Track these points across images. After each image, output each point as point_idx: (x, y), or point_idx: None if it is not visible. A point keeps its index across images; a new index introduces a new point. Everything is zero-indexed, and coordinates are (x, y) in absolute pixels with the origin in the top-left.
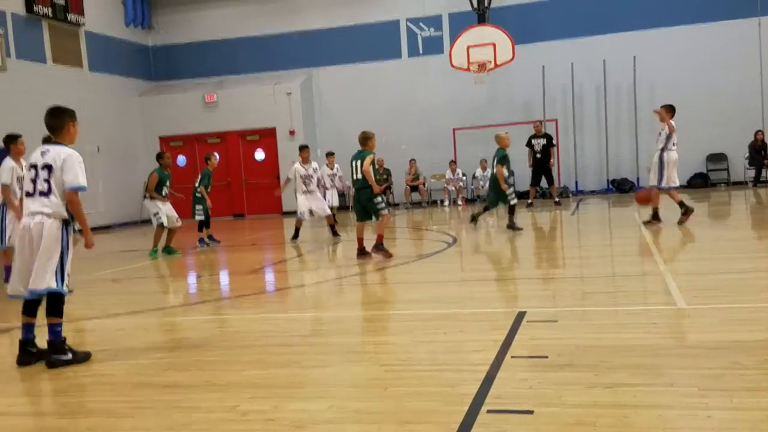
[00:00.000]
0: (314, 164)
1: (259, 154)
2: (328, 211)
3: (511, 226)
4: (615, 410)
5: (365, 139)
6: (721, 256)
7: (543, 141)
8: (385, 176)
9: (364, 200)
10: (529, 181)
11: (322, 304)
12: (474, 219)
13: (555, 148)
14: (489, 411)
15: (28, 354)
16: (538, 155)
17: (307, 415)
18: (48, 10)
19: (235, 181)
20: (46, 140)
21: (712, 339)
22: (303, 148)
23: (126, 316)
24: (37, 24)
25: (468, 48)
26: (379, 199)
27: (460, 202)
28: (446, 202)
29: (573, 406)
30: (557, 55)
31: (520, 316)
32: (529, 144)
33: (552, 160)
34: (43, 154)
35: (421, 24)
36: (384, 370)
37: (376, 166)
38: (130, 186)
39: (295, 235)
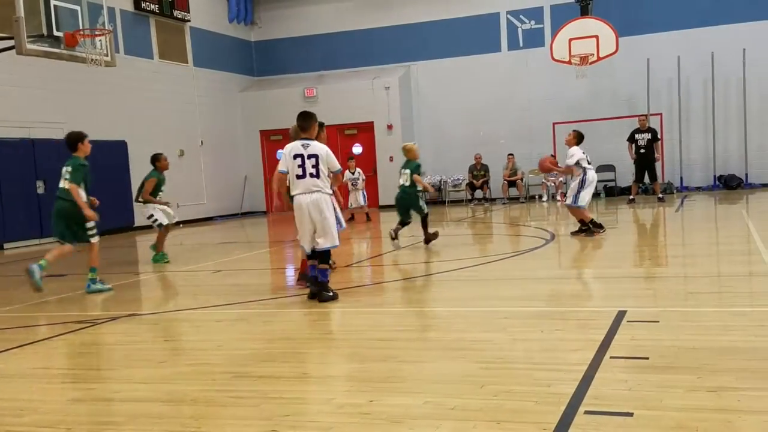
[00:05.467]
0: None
1: (357, 148)
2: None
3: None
4: (718, 414)
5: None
6: None
7: (648, 136)
8: (482, 172)
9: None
10: (633, 177)
11: (418, 299)
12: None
13: (660, 143)
14: (587, 412)
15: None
16: (642, 150)
17: (403, 410)
18: (155, 7)
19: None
20: (305, 132)
21: None
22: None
23: (226, 307)
24: (145, 20)
25: (570, 41)
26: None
27: (559, 198)
28: (545, 198)
29: (674, 409)
30: (663, 47)
31: (620, 315)
32: (631, 138)
33: (657, 155)
34: (305, 146)
35: (521, 16)
36: (480, 368)
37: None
38: (231, 179)
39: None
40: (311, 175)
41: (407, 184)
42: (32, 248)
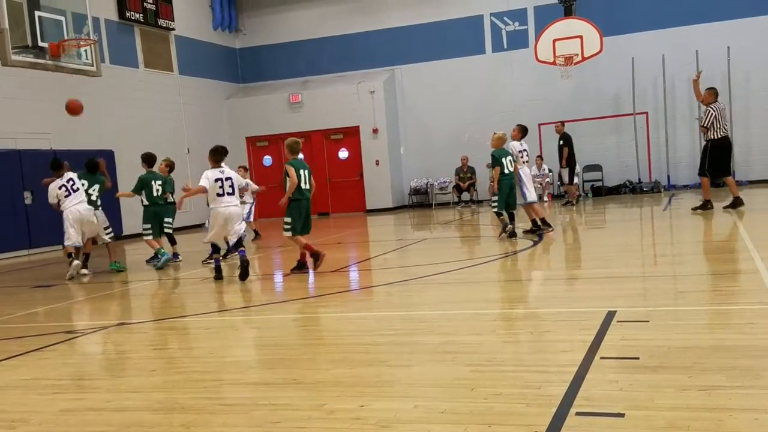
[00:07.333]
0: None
1: (343, 153)
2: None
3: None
4: (709, 413)
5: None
6: None
7: (559, 142)
8: (469, 174)
9: (309, 211)
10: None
11: (407, 303)
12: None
13: (567, 149)
14: (578, 413)
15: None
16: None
17: (393, 414)
18: (139, 16)
19: (319, 179)
20: (217, 163)
21: None
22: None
23: (214, 314)
24: (129, 30)
25: (554, 41)
26: None
27: (546, 198)
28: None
29: (665, 409)
30: (647, 46)
31: (610, 315)
32: None
33: (563, 161)
34: (221, 172)
35: (505, 18)
36: (470, 371)
37: None
38: None
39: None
40: (228, 193)
41: (512, 170)
42: (20, 259)
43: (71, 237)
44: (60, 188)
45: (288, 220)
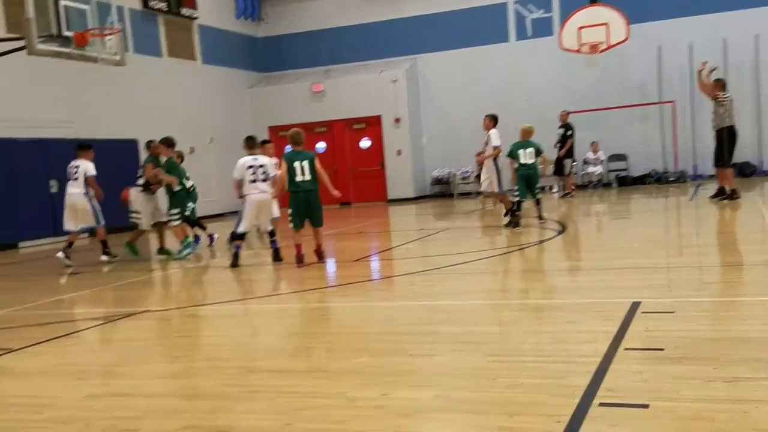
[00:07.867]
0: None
1: (365, 142)
2: None
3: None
4: (734, 405)
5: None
6: None
7: (561, 131)
8: None
9: (315, 203)
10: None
11: (429, 292)
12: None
13: (571, 140)
14: (601, 404)
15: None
16: (558, 144)
17: (414, 403)
18: (163, 5)
19: (341, 169)
20: (251, 149)
21: None
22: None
23: (238, 302)
24: (153, 19)
25: (579, 29)
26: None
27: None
28: (555, 189)
29: (690, 400)
30: (674, 34)
31: (634, 306)
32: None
33: (563, 151)
34: (254, 159)
35: (529, 6)
36: (491, 361)
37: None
38: None
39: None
40: (261, 180)
41: (531, 161)
42: (46, 247)
43: (64, 223)
44: (70, 169)
45: (290, 211)
